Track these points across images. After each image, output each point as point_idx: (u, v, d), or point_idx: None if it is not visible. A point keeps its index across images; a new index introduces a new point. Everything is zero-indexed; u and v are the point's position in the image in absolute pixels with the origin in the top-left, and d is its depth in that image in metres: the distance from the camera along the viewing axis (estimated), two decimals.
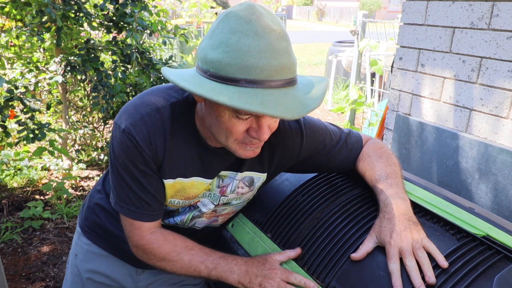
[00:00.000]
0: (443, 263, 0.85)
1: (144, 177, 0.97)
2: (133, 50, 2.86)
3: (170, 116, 0.97)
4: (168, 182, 1.01)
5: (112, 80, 2.91)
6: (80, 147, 3.82)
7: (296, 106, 0.81)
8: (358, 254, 0.93)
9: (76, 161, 3.62)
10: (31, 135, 2.52)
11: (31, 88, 2.75)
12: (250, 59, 0.78)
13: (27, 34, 2.64)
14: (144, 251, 1.04)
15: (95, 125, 3.77)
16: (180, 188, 1.04)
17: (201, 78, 0.83)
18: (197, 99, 0.93)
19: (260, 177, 1.12)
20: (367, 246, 0.94)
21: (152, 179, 0.99)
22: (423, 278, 0.84)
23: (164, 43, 3.17)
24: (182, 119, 0.98)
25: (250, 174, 1.09)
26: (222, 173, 1.06)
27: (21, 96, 2.54)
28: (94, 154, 3.79)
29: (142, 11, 2.82)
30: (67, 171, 3.38)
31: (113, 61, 2.92)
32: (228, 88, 0.79)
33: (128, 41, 2.94)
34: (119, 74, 2.88)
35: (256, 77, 0.78)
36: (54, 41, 2.77)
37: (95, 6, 2.94)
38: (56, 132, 2.87)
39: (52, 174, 3.47)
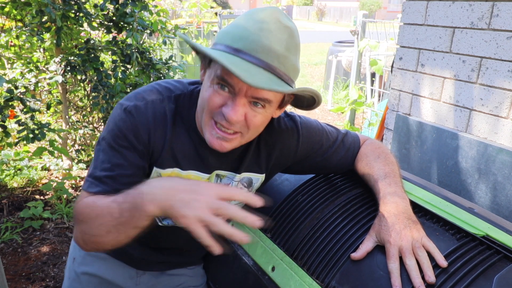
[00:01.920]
0: (442, 262, 0.86)
1: (126, 155, 0.94)
2: (133, 50, 2.86)
3: (174, 108, 0.98)
4: (165, 172, 1.01)
5: (112, 80, 2.91)
6: (80, 147, 3.82)
7: (265, 82, 0.81)
8: (358, 254, 0.93)
9: (76, 161, 3.62)
10: (31, 135, 2.52)
11: (31, 88, 2.75)
12: (244, 32, 0.84)
13: (27, 34, 2.64)
14: (75, 221, 0.94)
15: (95, 125, 3.77)
16: None
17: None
18: (201, 77, 0.96)
19: (258, 178, 1.12)
20: (367, 245, 0.94)
21: (132, 162, 0.95)
22: (423, 277, 0.84)
23: (164, 43, 3.17)
24: (185, 112, 0.99)
25: (248, 175, 1.09)
26: (221, 172, 1.06)
27: (21, 96, 2.54)
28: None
29: (142, 11, 2.82)
30: (67, 171, 3.38)
31: (113, 61, 2.92)
32: (213, 50, 0.86)
33: (128, 41, 2.93)
34: (119, 74, 2.88)
35: (241, 47, 0.83)
36: (54, 41, 2.77)
37: (95, 6, 2.94)
38: (56, 132, 2.87)
39: (52, 174, 3.47)
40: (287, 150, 1.09)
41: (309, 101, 0.97)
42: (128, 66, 2.97)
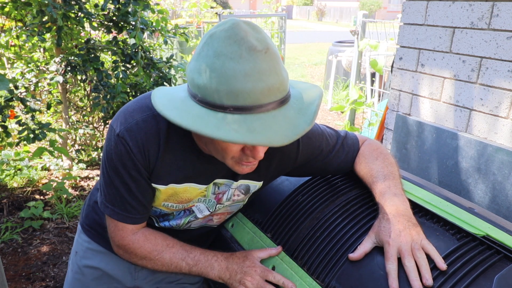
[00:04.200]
0: (442, 265, 0.85)
1: (133, 182, 0.98)
2: (137, 49, 2.85)
3: (166, 123, 0.96)
4: (160, 187, 1.01)
5: (113, 80, 2.91)
6: (80, 147, 3.82)
7: (287, 129, 0.79)
8: (355, 254, 0.93)
9: (76, 161, 3.62)
10: (31, 135, 2.52)
11: (31, 88, 2.75)
12: (236, 83, 0.76)
13: (27, 34, 2.64)
14: (126, 251, 1.06)
15: (95, 125, 3.77)
16: (173, 193, 1.04)
17: (190, 103, 0.82)
18: None
19: (256, 185, 1.12)
20: (365, 246, 0.94)
21: (141, 184, 0.99)
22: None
23: (165, 42, 3.17)
24: (178, 127, 0.98)
25: (246, 182, 1.09)
26: (218, 180, 1.06)
27: (22, 96, 2.54)
28: (94, 154, 3.79)
29: (142, 11, 2.81)
30: (67, 171, 3.39)
31: (114, 61, 2.92)
32: (216, 115, 0.78)
33: (128, 40, 2.93)
34: (120, 74, 2.88)
35: (244, 103, 0.76)
36: (55, 41, 2.77)
37: (96, 6, 2.94)
38: (56, 132, 2.87)
39: (52, 174, 3.47)
40: (287, 158, 1.09)
41: None
42: (128, 66, 2.97)
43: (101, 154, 3.68)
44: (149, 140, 0.95)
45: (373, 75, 5.04)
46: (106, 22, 2.91)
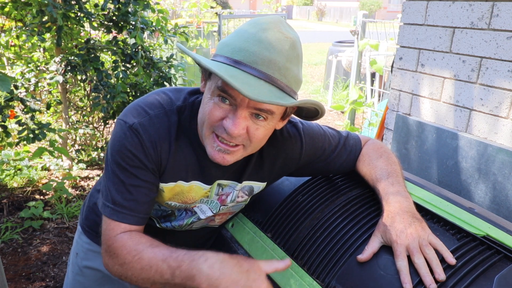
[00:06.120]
0: (451, 259, 0.85)
1: (139, 175, 0.95)
2: (137, 49, 2.85)
3: (176, 120, 0.97)
4: (168, 186, 1.01)
5: (113, 80, 2.91)
6: (80, 147, 3.82)
7: (265, 93, 0.79)
8: (364, 255, 0.92)
9: (76, 161, 3.62)
10: (31, 135, 2.52)
11: (31, 88, 2.75)
12: (245, 43, 0.83)
13: (27, 34, 2.64)
14: (109, 254, 0.94)
15: (95, 125, 3.77)
16: (179, 191, 1.04)
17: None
18: (201, 89, 0.95)
19: (259, 186, 1.12)
20: (372, 246, 0.93)
21: (147, 181, 0.96)
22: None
23: (166, 41, 3.17)
24: (187, 124, 0.99)
25: (250, 183, 1.10)
26: (223, 182, 1.06)
27: (22, 96, 2.54)
28: (94, 154, 3.78)
29: (142, 11, 2.81)
30: (67, 171, 3.38)
31: (114, 61, 2.92)
32: (213, 62, 0.85)
33: (127, 40, 2.93)
34: (120, 74, 2.88)
35: (242, 59, 0.82)
36: (54, 41, 2.77)
37: (96, 5, 2.94)
38: (56, 132, 2.87)
39: (52, 174, 3.47)
40: (290, 159, 1.09)
41: (312, 111, 0.97)
42: (128, 65, 2.97)
43: (101, 154, 3.70)
44: (161, 137, 0.95)
45: (373, 75, 5.04)
46: (106, 22, 2.91)
